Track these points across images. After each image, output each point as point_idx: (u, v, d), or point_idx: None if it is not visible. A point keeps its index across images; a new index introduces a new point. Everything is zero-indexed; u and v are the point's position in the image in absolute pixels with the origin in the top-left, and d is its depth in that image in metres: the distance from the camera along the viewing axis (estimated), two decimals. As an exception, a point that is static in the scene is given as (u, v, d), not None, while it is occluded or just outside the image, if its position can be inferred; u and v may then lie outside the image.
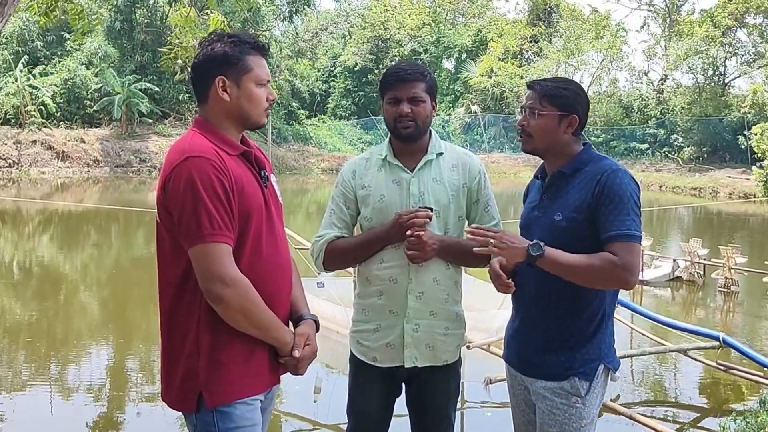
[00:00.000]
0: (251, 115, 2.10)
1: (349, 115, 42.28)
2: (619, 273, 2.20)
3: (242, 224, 1.99)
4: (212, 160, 1.95)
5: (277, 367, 2.11)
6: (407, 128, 2.51)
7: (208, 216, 1.91)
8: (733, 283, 10.66)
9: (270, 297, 2.04)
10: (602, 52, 38.77)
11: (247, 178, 2.04)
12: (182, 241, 1.96)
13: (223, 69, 2.05)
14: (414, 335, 2.53)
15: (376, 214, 2.55)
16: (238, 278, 1.94)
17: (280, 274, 2.11)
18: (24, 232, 16.11)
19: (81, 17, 5.88)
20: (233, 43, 2.06)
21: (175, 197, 1.94)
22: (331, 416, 5.36)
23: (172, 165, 1.97)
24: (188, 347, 2.01)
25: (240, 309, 1.96)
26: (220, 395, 2.00)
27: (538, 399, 2.38)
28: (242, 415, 2.01)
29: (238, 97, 2.07)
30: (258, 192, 2.07)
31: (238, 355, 2.01)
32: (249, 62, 2.07)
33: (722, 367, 6.27)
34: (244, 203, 1.99)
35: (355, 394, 2.66)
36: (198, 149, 1.97)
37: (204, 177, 1.92)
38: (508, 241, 2.27)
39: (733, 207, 25.73)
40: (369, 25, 43.84)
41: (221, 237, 1.93)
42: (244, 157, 2.08)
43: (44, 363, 6.81)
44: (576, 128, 2.39)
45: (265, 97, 2.12)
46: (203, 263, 1.93)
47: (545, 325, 2.37)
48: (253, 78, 2.08)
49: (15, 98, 28.80)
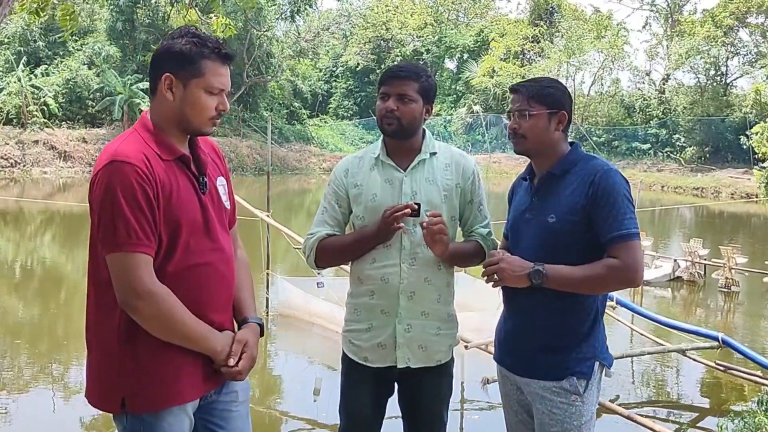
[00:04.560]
0: (192, 122, 2.01)
1: (351, 115, 42.32)
2: (624, 275, 2.25)
3: (171, 231, 1.94)
4: (137, 166, 1.88)
5: (215, 372, 2.05)
6: (390, 125, 2.51)
7: (126, 225, 1.86)
8: (733, 284, 10.66)
9: (203, 305, 2.00)
10: (604, 52, 38.74)
11: (181, 184, 1.98)
12: (100, 247, 1.93)
13: (174, 67, 1.97)
14: (406, 335, 2.53)
15: (369, 213, 2.55)
16: (153, 290, 1.89)
17: (216, 280, 2.05)
18: (26, 231, 16.14)
19: (72, 17, 5.85)
20: (194, 44, 1.98)
21: (96, 201, 1.90)
22: (330, 416, 5.37)
23: (98, 167, 1.93)
24: (112, 353, 1.96)
25: (155, 320, 1.91)
26: (144, 403, 1.96)
27: (536, 399, 2.38)
28: (169, 426, 1.97)
29: (182, 99, 1.98)
30: (192, 198, 2.00)
31: (166, 362, 1.96)
32: (203, 67, 1.97)
33: (721, 368, 6.27)
34: (173, 210, 1.94)
35: (347, 393, 2.66)
36: (124, 153, 1.90)
37: (125, 184, 1.86)
38: (509, 271, 2.30)
39: (735, 207, 25.71)
40: (371, 25, 43.87)
41: (137, 247, 1.87)
42: (182, 162, 2.02)
43: (46, 363, 6.83)
44: (565, 125, 2.41)
45: (214, 107, 2.01)
46: (117, 273, 1.89)
47: (541, 326, 2.37)
48: (203, 84, 1.98)
49: (17, 98, 28.84)
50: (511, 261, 2.32)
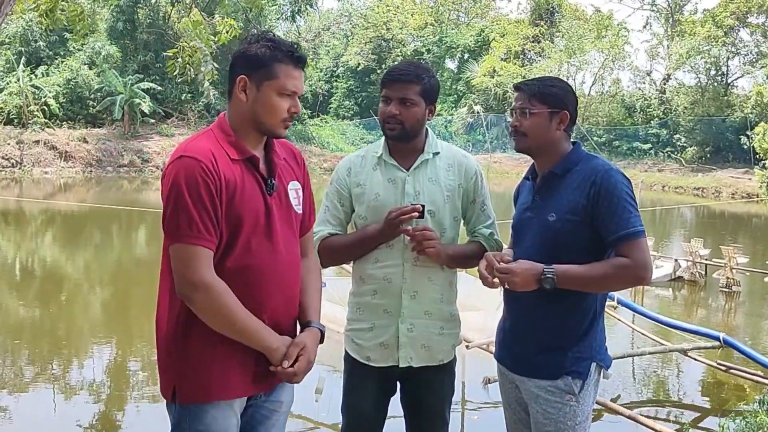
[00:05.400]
0: (265, 123, 2.06)
1: (352, 115, 42.29)
2: (633, 273, 2.25)
3: (232, 228, 1.99)
4: (202, 162, 1.95)
5: (266, 375, 2.08)
6: (392, 129, 2.51)
7: (188, 217, 1.92)
8: (734, 283, 10.66)
9: (259, 303, 2.03)
10: (604, 52, 38.72)
11: (247, 184, 2.03)
12: (165, 237, 2.00)
13: (248, 69, 2.04)
14: (409, 335, 2.53)
15: (371, 212, 2.55)
16: (209, 282, 1.94)
17: (275, 281, 2.08)
18: (27, 231, 16.14)
19: (81, 18, 5.91)
20: (268, 47, 2.04)
21: (163, 194, 1.98)
22: (331, 416, 5.36)
23: (168, 162, 2.01)
24: (169, 340, 2.04)
25: (210, 312, 1.96)
26: (190, 394, 2.01)
27: (532, 398, 2.39)
28: (213, 419, 2.01)
29: (255, 100, 2.04)
30: (257, 198, 2.05)
31: (216, 356, 2.01)
32: (277, 69, 2.03)
33: (723, 368, 6.27)
34: (236, 208, 1.99)
35: (349, 393, 2.66)
36: (193, 150, 1.98)
37: (190, 178, 1.93)
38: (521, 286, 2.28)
39: (736, 207, 25.71)
40: (371, 25, 43.84)
41: (197, 240, 1.93)
42: (251, 163, 2.07)
43: (46, 362, 6.83)
44: (568, 125, 2.41)
45: (287, 109, 2.06)
46: (177, 264, 1.96)
47: (538, 324, 2.38)
48: (276, 86, 2.03)
49: (18, 98, 28.88)
50: (523, 273, 2.28)
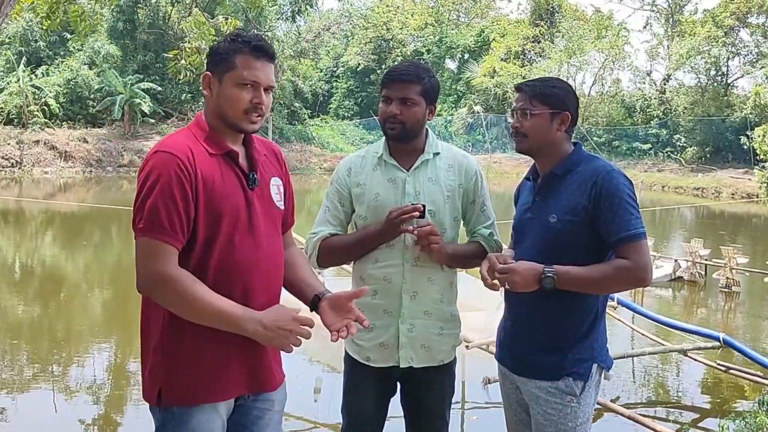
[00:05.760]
0: (228, 116, 2.03)
1: (352, 115, 42.31)
2: (633, 275, 2.25)
3: (211, 223, 1.97)
4: (178, 158, 1.93)
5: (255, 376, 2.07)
6: (393, 129, 2.51)
7: (154, 212, 1.90)
8: (734, 284, 10.66)
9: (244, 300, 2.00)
10: (604, 52, 38.73)
11: (226, 178, 2.02)
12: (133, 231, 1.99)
13: (212, 65, 2.05)
14: (409, 335, 2.52)
15: (371, 212, 2.54)
16: (172, 275, 1.91)
17: (259, 277, 2.06)
18: (26, 231, 16.14)
19: (83, 19, 5.92)
20: (229, 41, 2.04)
21: (137, 187, 1.98)
22: (331, 416, 5.36)
23: (146, 157, 2.01)
24: (155, 341, 2.02)
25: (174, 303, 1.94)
26: (176, 396, 1.99)
27: (532, 399, 2.39)
28: (198, 423, 1.99)
29: (218, 94, 2.03)
30: (237, 193, 2.03)
31: (201, 359, 1.99)
32: (235, 60, 2.00)
33: (722, 368, 6.26)
34: (214, 202, 1.97)
35: (349, 393, 2.65)
36: (170, 145, 1.97)
37: (164, 173, 1.91)
38: (521, 285, 2.28)
39: (735, 207, 25.71)
40: (371, 26, 43.85)
41: (161, 235, 1.91)
42: (230, 157, 2.05)
43: (46, 362, 6.83)
44: (568, 126, 2.40)
45: (249, 100, 2.01)
46: (140, 258, 1.94)
47: (538, 325, 2.38)
48: (234, 77, 2.00)
49: (18, 98, 28.91)
50: (523, 273, 2.28)
